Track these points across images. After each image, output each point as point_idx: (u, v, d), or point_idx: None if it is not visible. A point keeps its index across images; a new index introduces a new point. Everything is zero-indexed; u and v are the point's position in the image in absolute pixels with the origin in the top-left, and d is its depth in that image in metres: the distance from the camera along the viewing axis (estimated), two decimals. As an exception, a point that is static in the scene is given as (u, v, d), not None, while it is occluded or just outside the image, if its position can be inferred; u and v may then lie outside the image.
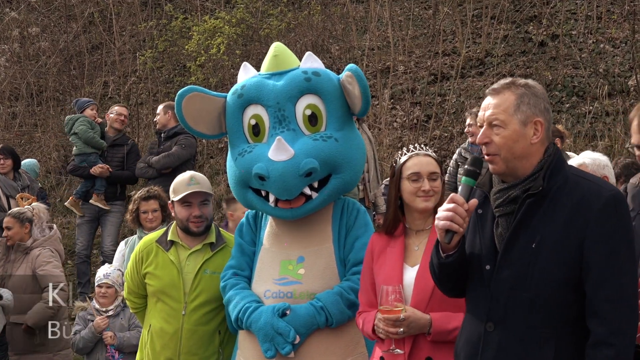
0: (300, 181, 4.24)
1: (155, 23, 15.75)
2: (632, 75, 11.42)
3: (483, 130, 3.19)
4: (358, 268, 4.21)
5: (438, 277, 3.33)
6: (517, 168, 3.15)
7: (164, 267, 5.08)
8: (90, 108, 10.04)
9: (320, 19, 14.44)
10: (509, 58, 12.98)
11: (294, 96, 4.36)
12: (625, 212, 3.07)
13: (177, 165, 9.14)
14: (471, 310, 3.28)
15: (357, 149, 4.43)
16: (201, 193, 5.03)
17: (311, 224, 4.45)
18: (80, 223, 10.12)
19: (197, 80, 13.43)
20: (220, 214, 12.31)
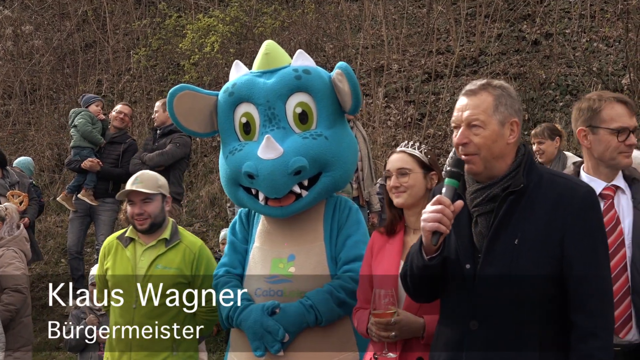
0: (289, 179, 4.24)
1: (149, 21, 15.74)
2: (625, 73, 11.45)
3: (462, 131, 3.19)
4: (349, 266, 4.22)
5: (417, 282, 3.30)
6: (494, 168, 3.20)
7: (121, 262, 5.23)
8: (96, 104, 10.04)
9: (314, 18, 14.45)
10: (502, 56, 13.00)
11: (284, 94, 4.36)
12: (599, 208, 3.20)
13: (171, 163, 9.13)
14: (449, 312, 3.29)
15: (348, 147, 4.42)
16: (141, 192, 5.15)
17: (302, 222, 4.45)
18: (72, 218, 10.09)
19: (190, 78, 13.41)
20: (214, 212, 12.33)
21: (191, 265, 5.23)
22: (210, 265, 5.30)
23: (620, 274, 3.63)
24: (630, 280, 3.63)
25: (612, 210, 3.75)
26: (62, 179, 13.67)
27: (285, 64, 4.54)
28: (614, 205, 3.76)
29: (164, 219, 5.30)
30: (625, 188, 3.81)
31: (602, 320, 3.05)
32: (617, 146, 3.76)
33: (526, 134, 11.31)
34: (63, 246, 12.04)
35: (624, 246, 3.67)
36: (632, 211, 3.75)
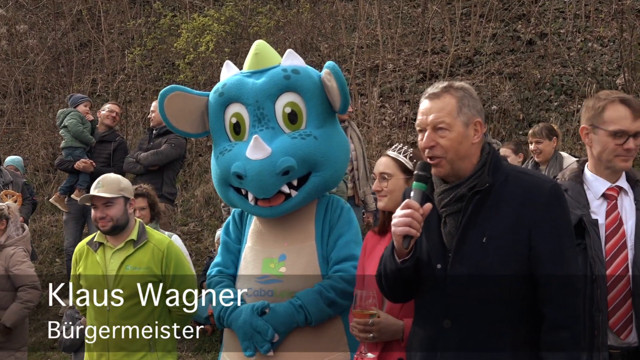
0: (277, 180, 4.23)
1: (144, 21, 15.70)
2: (620, 73, 11.47)
3: (428, 134, 3.21)
4: (340, 266, 4.22)
5: (391, 284, 3.32)
6: (460, 168, 3.23)
7: (91, 267, 5.32)
8: (84, 104, 10.03)
9: (309, 17, 14.44)
10: (497, 56, 13.01)
11: (273, 94, 4.36)
12: (565, 202, 3.25)
13: (165, 163, 9.14)
14: (423, 312, 3.31)
15: (339, 147, 4.40)
16: (101, 197, 5.24)
17: (294, 221, 4.45)
18: (66, 220, 10.07)
19: (185, 78, 13.40)
20: (209, 212, 12.32)
21: (160, 264, 5.29)
22: (180, 262, 5.35)
23: (622, 276, 3.61)
24: (631, 283, 3.61)
25: (615, 212, 3.72)
26: (57, 178, 13.64)
27: (275, 63, 4.53)
28: (617, 206, 3.74)
29: (128, 220, 5.37)
30: (628, 189, 3.78)
31: (571, 311, 3.12)
32: (614, 149, 3.72)
33: (521, 133, 11.35)
34: (58, 246, 12.02)
35: (625, 247, 3.65)
36: (634, 213, 3.72)
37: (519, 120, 11.73)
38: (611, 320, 3.61)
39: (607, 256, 3.64)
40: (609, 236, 3.67)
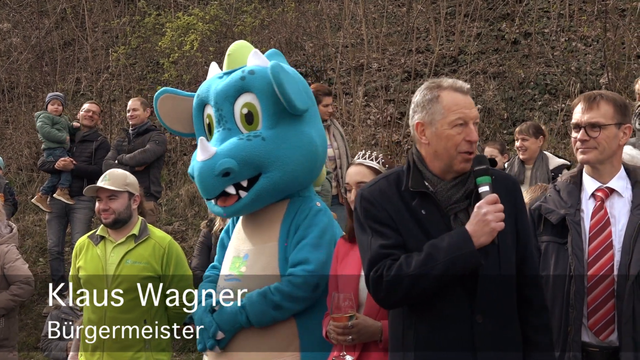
0: (217, 181, 4.24)
1: (128, 19, 15.65)
2: (603, 73, 11.52)
3: (473, 127, 3.29)
4: (292, 269, 4.20)
5: (433, 285, 3.17)
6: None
7: (91, 260, 5.42)
8: (51, 103, 10.02)
9: (294, 16, 14.42)
10: (482, 56, 13.04)
11: (230, 95, 4.37)
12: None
13: (153, 160, 9.15)
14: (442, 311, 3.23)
15: (292, 148, 4.30)
16: (107, 189, 5.41)
17: (262, 222, 4.45)
18: (49, 219, 10.05)
19: (170, 77, 13.38)
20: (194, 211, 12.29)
21: (161, 260, 5.39)
22: (180, 260, 5.44)
23: (604, 277, 3.61)
24: (615, 284, 3.60)
25: (602, 212, 3.72)
26: (40, 177, 13.56)
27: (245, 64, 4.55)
28: (605, 207, 3.73)
29: (131, 215, 5.49)
30: (624, 191, 3.76)
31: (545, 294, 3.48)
32: (573, 143, 3.78)
33: (505, 132, 11.38)
34: (41, 245, 11.97)
35: (611, 248, 3.64)
36: (627, 215, 3.71)
37: (503, 119, 11.77)
38: (591, 320, 3.62)
39: (590, 256, 3.64)
40: (593, 236, 3.67)
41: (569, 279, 3.63)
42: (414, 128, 3.37)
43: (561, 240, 3.71)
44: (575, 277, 3.61)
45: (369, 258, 3.24)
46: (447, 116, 3.26)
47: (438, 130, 3.27)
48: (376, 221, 3.27)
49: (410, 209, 3.26)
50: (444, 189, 3.28)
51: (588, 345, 3.63)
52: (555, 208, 3.76)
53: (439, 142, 3.28)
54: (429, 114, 3.30)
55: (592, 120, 3.70)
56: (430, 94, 3.32)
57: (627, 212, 3.71)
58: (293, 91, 4.21)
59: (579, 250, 3.64)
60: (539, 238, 3.79)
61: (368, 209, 3.30)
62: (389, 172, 3.45)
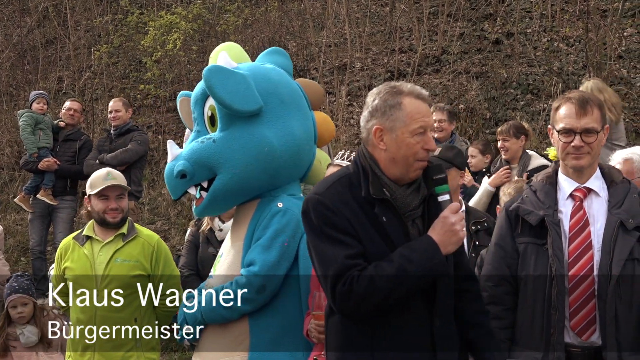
0: (177, 182, 4.37)
1: (110, 18, 15.61)
2: (585, 73, 11.56)
3: (430, 136, 3.31)
4: (243, 269, 4.26)
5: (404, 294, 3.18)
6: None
7: (79, 260, 5.41)
8: (37, 102, 9.96)
9: (277, 15, 14.42)
10: (464, 55, 13.06)
11: (199, 99, 4.46)
12: None
13: (135, 160, 9.14)
14: (401, 316, 3.24)
15: (241, 148, 4.30)
16: (118, 187, 5.44)
17: (236, 221, 4.54)
18: (32, 219, 10.02)
19: (153, 76, 13.35)
20: (176, 210, 12.27)
21: (150, 257, 5.43)
22: (168, 259, 5.50)
23: (585, 277, 3.63)
24: (596, 284, 3.63)
25: (581, 212, 3.74)
26: (22, 176, 13.50)
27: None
28: (584, 207, 3.75)
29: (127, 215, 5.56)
30: (601, 190, 3.78)
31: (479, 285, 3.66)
32: (563, 147, 3.75)
33: (488, 132, 11.41)
34: (23, 244, 11.92)
35: (591, 249, 3.66)
36: (605, 215, 3.73)
37: (486, 119, 11.80)
38: (573, 321, 3.63)
39: (571, 257, 3.66)
40: (573, 237, 3.69)
41: (550, 280, 3.65)
42: (372, 132, 3.30)
43: (540, 241, 3.72)
44: (557, 278, 3.63)
45: (336, 270, 3.15)
46: (409, 124, 3.24)
47: (399, 138, 3.25)
48: (337, 229, 3.19)
49: (369, 215, 3.23)
50: (402, 196, 3.28)
51: (570, 346, 3.65)
52: (534, 209, 3.76)
53: (399, 149, 3.26)
54: (390, 120, 3.26)
55: (587, 126, 3.69)
56: (392, 99, 3.28)
57: (605, 211, 3.74)
58: (229, 93, 4.21)
59: (559, 251, 3.66)
60: (517, 239, 3.81)
61: (328, 216, 3.21)
62: (339, 176, 3.37)
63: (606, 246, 3.65)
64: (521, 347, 3.73)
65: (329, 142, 8.91)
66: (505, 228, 3.87)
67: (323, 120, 4.81)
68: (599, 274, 3.63)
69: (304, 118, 4.55)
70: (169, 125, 13.96)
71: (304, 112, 4.57)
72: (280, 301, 4.20)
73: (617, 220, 3.67)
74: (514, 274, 3.80)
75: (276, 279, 4.16)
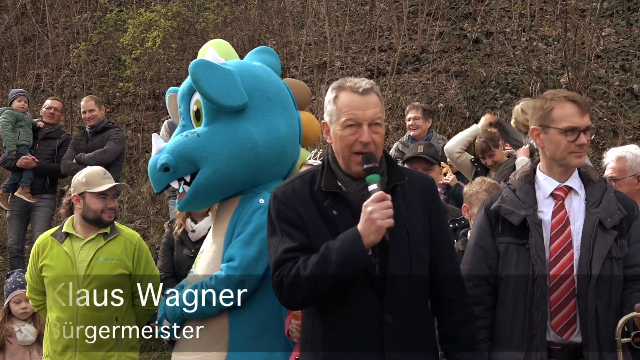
0: (160, 176, 4.38)
1: (89, 15, 15.53)
2: (564, 72, 11.63)
3: (366, 129, 3.26)
4: (222, 264, 4.26)
5: (329, 284, 3.17)
6: None
7: (58, 257, 5.35)
8: (18, 100, 9.90)
9: (257, 14, 14.40)
10: (444, 54, 13.10)
11: (186, 93, 4.48)
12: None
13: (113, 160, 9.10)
14: (351, 310, 3.24)
15: (225, 144, 4.32)
16: (116, 187, 5.45)
17: (218, 217, 4.54)
18: (10, 217, 9.94)
19: (132, 74, 13.30)
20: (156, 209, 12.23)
21: (132, 256, 5.40)
22: (149, 258, 5.53)
23: (565, 276, 3.63)
24: (576, 283, 3.62)
25: (562, 211, 3.74)
26: (0, 174, 13.42)
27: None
28: (565, 206, 3.75)
29: None
30: (579, 189, 3.79)
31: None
32: (567, 146, 3.73)
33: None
34: (0, 243, 11.85)
35: (571, 248, 3.66)
36: (583, 214, 3.73)
37: (465, 117, 11.83)
38: (554, 320, 3.63)
39: (552, 256, 3.66)
40: (554, 236, 3.69)
41: (532, 281, 3.65)
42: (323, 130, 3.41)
43: (521, 241, 3.72)
44: (539, 279, 3.63)
45: (274, 261, 3.25)
46: (339, 117, 3.28)
47: (335, 131, 3.31)
48: (287, 222, 3.27)
49: (321, 209, 3.27)
50: (356, 190, 3.29)
51: (551, 344, 3.65)
52: (515, 209, 3.75)
53: (336, 142, 3.31)
54: (329, 114, 3.34)
55: (588, 124, 3.73)
56: (332, 94, 3.34)
57: (583, 210, 3.74)
58: (214, 87, 4.24)
59: (541, 251, 3.66)
60: (497, 239, 3.79)
61: (280, 209, 3.30)
62: (305, 172, 3.46)
63: (586, 245, 3.65)
64: (502, 347, 3.71)
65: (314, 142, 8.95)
66: (485, 228, 3.84)
67: (309, 120, 4.82)
68: (579, 273, 3.64)
69: (290, 117, 4.56)
70: (148, 123, 13.91)
71: (289, 111, 4.57)
72: (260, 297, 4.19)
73: (596, 219, 3.69)
74: (494, 273, 3.79)
75: (255, 275, 4.18)
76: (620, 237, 3.72)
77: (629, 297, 3.66)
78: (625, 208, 3.77)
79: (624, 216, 3.74)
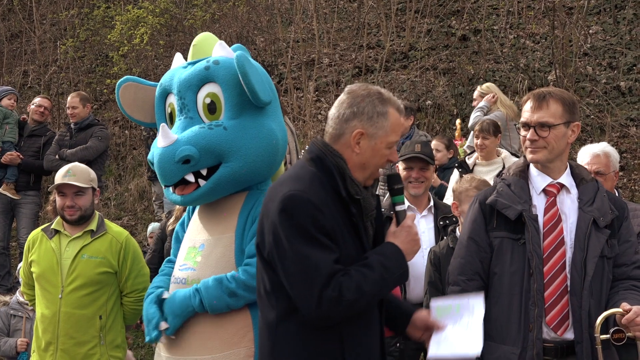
0: (177, 168, 4.22)
1: (77, 12, 15.48)
2: (551, 70, 11.66)
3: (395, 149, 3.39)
4: (249, 260, 4.18)
5: (374, 300, 3.24)
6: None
7: (45, 253, 5.34)
8: (8, 97, 9.85)
9: (245, 10, 14.38)
10: (432, 52, 13.12)
11: (194, 85, 4.37)
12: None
13: (95, 157, 9.07)
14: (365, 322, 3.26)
15: (253, 139, 4.29)
16: (73, 185, 5.29)
17: (220, 212, 4.43)
18: (-6, 214, 9.88)
19: (119, 70, 13.26)
20: (143, 206, 12.21)
21: (118, 255, 5.34)
22: (137, 255, 5.42)
23: (558, 273, 3.65)
24: (568, 280, 3.64)
25: (554, 208, 3.75)
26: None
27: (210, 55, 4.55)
28: (556, 202, 3.76)
29: (93, 211, 5.43)
30: (571, 187, 3.79)
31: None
32: (522, 141, 3.79)
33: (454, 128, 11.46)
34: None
35: (563, 244, 3.68)
36: (576, 211, 3.74)
37: (453, 115, 11.85)
38: (549, 316, 3.64)
39: (545, 252, 3.67)
40: (547, 232, 3.69)
41: (528, 276, 3.65)
42: (351, 134, 3.24)
43: (515, 236, 3.72)
44: (536, 274, 3.63)
45: (325, 275, 3.03)
46: (389, 135, 3.24)
47: (377, 146, 3.24)
48: (323, 231, 3.08)
49: (346, 217, 3.20)
50: (367, 198, 3.28)
51: (544, 341, 3.65)
52: (512, 204, 3.75)
53: (373, 157, 3.25)
54: (375, 127, 3.23)
55: (541, 119, 3.70)
56: (382, 107, 3.24)
57: (576, 209, 3.75)
58: (257, 83, 4.20)
59: (537, 246, 3.66)
60: (491, 233, 3.79)
61: (316, 216, 3.08)
62: (312, 175, 3.24)
63: (579, 243, 3.66)
64: (497, 342, 3.70)
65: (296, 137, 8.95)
66: (479, 222, 3.84)
67: None
68: (572, 271, 3.65)
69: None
70: (135, 120, 13.87)
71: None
72: None
73: (590, 218, 3.70)
74: (487, 268, 3.79)
75: None
76: (612, 236, 3.73)
77: (614, 295, 3.68)
78: (616, 208, 3.78)
79: (615, 216, 3.75)
